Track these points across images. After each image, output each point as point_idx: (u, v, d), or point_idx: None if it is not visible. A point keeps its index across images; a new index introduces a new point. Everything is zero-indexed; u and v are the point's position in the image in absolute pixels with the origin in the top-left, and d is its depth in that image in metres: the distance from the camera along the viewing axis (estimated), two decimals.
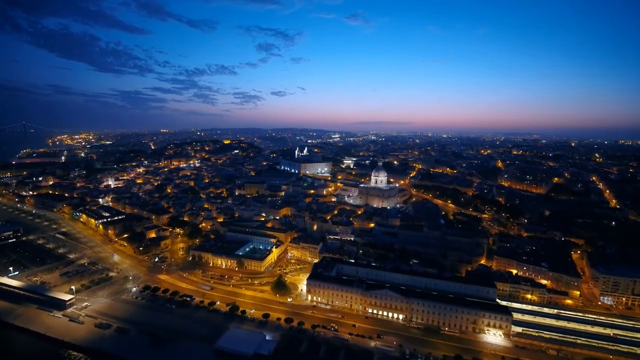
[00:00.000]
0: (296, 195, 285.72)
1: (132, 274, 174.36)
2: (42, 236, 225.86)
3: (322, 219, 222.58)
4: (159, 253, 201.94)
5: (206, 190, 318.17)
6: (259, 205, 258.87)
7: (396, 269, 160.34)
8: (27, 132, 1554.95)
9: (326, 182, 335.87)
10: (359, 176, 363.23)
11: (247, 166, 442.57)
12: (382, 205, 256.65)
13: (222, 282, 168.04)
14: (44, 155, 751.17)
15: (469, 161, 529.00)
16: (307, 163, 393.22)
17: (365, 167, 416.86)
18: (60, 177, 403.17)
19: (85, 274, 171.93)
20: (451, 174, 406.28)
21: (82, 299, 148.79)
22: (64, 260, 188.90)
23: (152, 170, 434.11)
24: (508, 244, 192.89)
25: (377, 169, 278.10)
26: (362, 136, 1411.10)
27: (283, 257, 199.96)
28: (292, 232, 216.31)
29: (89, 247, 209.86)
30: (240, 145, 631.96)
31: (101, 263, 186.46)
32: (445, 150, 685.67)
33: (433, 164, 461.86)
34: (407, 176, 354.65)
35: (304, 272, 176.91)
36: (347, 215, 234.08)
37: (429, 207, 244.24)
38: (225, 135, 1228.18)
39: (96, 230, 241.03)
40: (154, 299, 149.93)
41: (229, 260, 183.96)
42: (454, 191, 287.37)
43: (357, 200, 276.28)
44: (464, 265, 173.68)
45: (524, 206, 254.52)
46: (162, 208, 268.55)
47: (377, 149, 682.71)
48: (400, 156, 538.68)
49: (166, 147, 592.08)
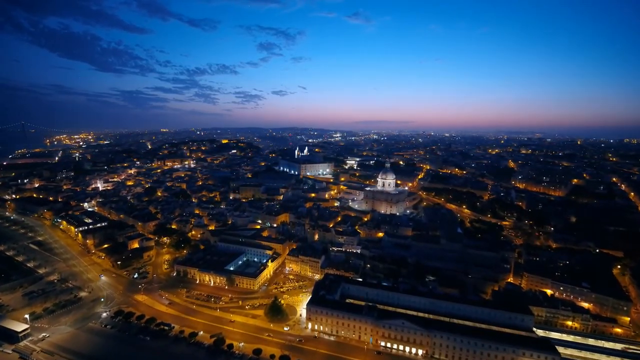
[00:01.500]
0: (296, 200, 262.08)
1: (106, 294, 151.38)
2: (13, 246, 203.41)
3: (324, 227, 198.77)
4: (140, 267, 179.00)
5: (198, 193, 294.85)
6: (254, 211, 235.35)
7: (412, 291, 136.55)
8: (26, 132, 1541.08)
9: (328, 185, 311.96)
10: (363, 178, 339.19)
11: (244, 167, 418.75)
12: (390, 211, 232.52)
13: (208, 304, 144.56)
14: (38, 155, 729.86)
15: (477, 161, 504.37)
16: (308, 164, 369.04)
17: (369, 167, 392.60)
18: (47, 179, 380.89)
19: (51, 294, 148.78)
20: (461, 175, 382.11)
21: (42, 327, 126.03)
22: (31, 277, 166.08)
23: (144, 172, 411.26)
24: (537, 258, 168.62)
25: (384, 170, 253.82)
26: (363, 135, 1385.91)
27: (280, 271, 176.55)
28: (290, 242, 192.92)
29: (62, 260, 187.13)
30: (238, 145, 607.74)
31: (73, 280, 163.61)
32: (451, 150, 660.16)
33: (441, 164, 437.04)
34: (415, 178, 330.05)
35: (304, 291, 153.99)
36: (352, 222, 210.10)
37: (443, 214, 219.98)
38: (225, 135, 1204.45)
39: (75, 240, 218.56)
40: (126, 327, 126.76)
41: (218, 277, 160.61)
42: (469, 195, 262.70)
43: (362, 205, 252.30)
44: (489, 284, 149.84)
45: (547, 212, 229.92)
46: (149, 214, 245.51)
47: (381, 148, 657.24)
48: (405, 156, 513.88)
49: (161, 147, 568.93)
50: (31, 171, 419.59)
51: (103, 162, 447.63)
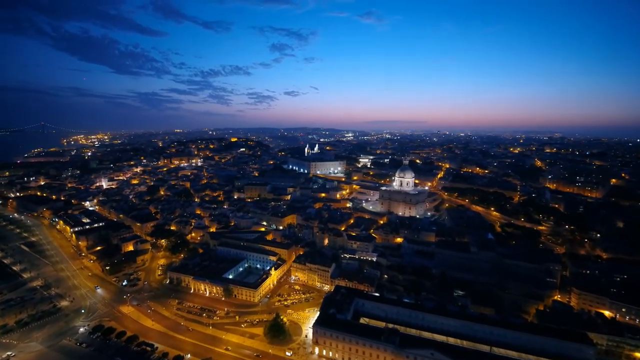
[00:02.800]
0: (304, 200, 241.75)
1: (89, 304, 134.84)
2: (2, 247, 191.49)
3: (335, 230, 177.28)
4: (131, 273, 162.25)
5: (201, 192, 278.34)
6: (259, 212, 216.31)
7: (440, 309, 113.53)
8: (44, 132, 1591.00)
9: (340, 184, 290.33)
10: (378, 177, 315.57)
11: (252, 166, 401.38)
12: (409, 213, 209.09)
13: (200, 319, 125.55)
14: (52, 154, 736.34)
15: (500, 160, 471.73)
16: (318, 162, 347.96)
17: (384, 166, 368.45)
18: (53, 178, 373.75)
19: (29, 303, 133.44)
20: (483, 174, 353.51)
21: (9, 344, 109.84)
22: (14, 282, 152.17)
23: (149, 170, 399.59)
24: (587, 270, 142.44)
25: (402, 168, 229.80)
26: (376, 135, 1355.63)
27: (285, 280, 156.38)
28: (297, 247, 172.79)
29: (51, 263, 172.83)
30: (247, 143, 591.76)
31: (56, 286, 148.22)
32: (470, 148, 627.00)
33: (460, 163, 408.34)
34: (435, 177, 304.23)
35: (311, 305, 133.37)
36: (366, 226, 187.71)
37: (469, 217, 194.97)
38: (236, 135, 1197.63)
39: (69, 241, 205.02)
40: (104, 346, 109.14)
41: (214, 286, 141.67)
42: (497, 195, 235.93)
43: (377, 207, 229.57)
44: (532, 303, 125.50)
45: (589, 215, 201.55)
46: (148, 214, 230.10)
47: (395, 146, 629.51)
48: (422, 154, 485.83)
49: (169, 146, 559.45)
50: (39, 169, 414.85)
51: (110, 161, 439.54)
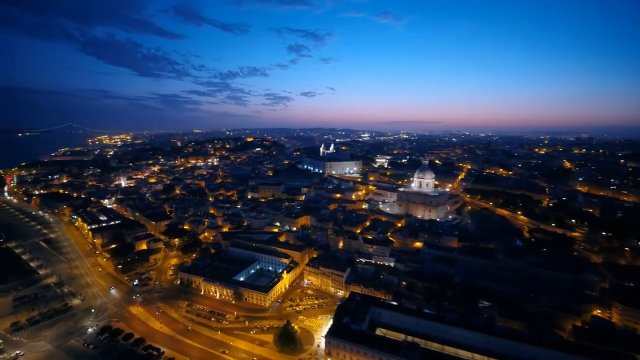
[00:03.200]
0: (318, 201, 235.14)
1: (99, 304, 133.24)
2: (22, 243, 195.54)
3: (350, 233, 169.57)
4: (143, 272, 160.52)
5: (216, 192, 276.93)
6: (272, 213, 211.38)
7: (463, 322, 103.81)
8: (72, 133, 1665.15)
9: (355, 185, 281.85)
10: (395, 177, 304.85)
11: (266, 165, 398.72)
12: (428, 216, 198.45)
13: (209, 322, 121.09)
14: (77, 153, 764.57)
15: (524, 161, 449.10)
16: (333, 162, 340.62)
17: (402, 166, 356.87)
18: (75, 176, 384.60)
19: (41, 301, 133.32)
20: (507, 176, 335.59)
21: (19, 342, 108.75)
22: (29, 278, 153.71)
23: (166, 169, 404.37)
24: (631, 283, 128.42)
25: (421, 168, 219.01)
26: (392, 135, 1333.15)
27: (297, 284, 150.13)
28: (310, 249, 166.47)
29: (67, 261, 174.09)
30: (262, 143, 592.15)
31: (69, 284, 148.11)
32: (492, 149, 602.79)
33: (482, 164, 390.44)
34: (456, 178, 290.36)
35: (324, 312, 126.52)
36: (383, 229, 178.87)
37: (494, 221, 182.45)
38: (253, 135, 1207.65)
39: (86, 238, 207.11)
40: (110, 348, 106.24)
41: (225, 288, 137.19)
42: (524, 198, 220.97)
43: (395, 209, 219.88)
44: (568, 318, 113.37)
45: (629, 221, 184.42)
46: (162, 213, 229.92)
47: (413, 146, 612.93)
48: (441, 154, 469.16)
49: (187, 145, 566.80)
50: (62, 168, 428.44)
51: (129, 160, 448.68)
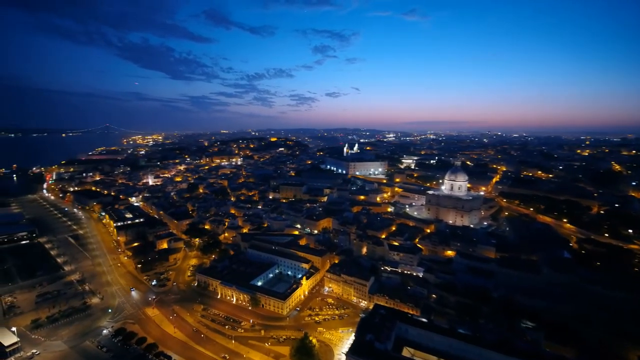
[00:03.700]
0: (341, 202, 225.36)
1: (117, 303, 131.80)
2: (52, 239, 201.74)
3: (375, 239, 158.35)
4: (162, 272, 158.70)
5: (238, 192, 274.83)
6: (292, 214, 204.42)
7: (503, 346, 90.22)
8: (109, 133, 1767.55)
9: (380, 187, 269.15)
10: (423, 179, 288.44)
11: (289, 165, 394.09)
12: (461, 222, 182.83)
13: (223, 329, 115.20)
14: (111, 152, 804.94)
15: (566, 162, 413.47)
16: (357, 162, 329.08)
17: (430, 167, 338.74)
18: (106, 174, 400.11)
19: (62, 298, 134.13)
20: (547, 179, 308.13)
21: (36, 340, 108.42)
22: (54, 274, 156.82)
23: (192, 168, 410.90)
24: None
25: (453, 170, 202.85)
26: (418, 135, 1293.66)
27: (317, 291, 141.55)
28: (332, 254, 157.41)
29: (91, 257, 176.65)
30: (286, 143, 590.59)
31: (90, 282, 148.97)
32: (528, 149, 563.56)
33: (518, 166, 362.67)
34: (490, 181, 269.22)
35: (345, 323, 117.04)
36: (411, 234, 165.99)
37: (536, 229, 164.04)
38: (277, 136, 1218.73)
39: (111, 235, 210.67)
40: (123, 352, 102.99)
41: (241, 293, 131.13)
42: (569, 204, 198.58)
43: (423, 213, 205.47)
44: (630, 347, 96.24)
45: None
46: (184, 212, 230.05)
47: (442, 147, 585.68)
48: (472, 155, 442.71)
49: (212, 145, 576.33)
50: (96, 166, 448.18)
51: (157, 159, 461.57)
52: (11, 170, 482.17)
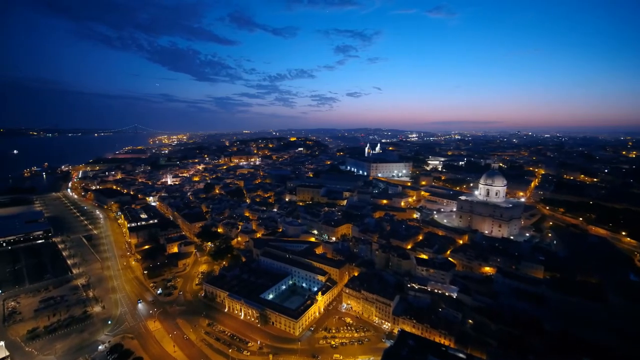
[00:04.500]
0: (362, 207, 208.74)
1: (118, 313, 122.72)
2: (67, 239, 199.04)
3: (400, 250, 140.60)
4: (169, 279, 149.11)
5: (253, 193, 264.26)
6: (309, 219, 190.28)
7: None
8: (137, 133, 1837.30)
9: (405, 190, 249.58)
10: (452, 182, 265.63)
11: (307, 165, 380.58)
12: (498, 233, 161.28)
13: (227, 350, 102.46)
14: (137, 152, 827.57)
15: (612, 165, 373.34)
16: (380, 163, 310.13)
17: (458, 170, 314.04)
18: (128, 173, 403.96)
19: (63, 305, 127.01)
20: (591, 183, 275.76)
21: (30, 353, 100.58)
22: (62, 277, 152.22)
23: (210, 168, 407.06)
24: None
25: (489, 174, 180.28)
26: (442, 136, 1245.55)
27: (334, 307, 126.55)
28: (351, 265, 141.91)
29: (101, 260, 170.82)
30: (305, 142, 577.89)
31: (95, 287, 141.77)
32: (565, 150, 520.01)
33: (558, 169, 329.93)
34: (529, 185, 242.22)
35: (365, 350, 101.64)
36: (441, 246, 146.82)
37: (591, 244, 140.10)
38: (297, 136, 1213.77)
39: (124, 236, 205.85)
40: None
41: (250, 308, 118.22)
42: (628, 214, 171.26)
43: (454, 221, 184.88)
44: None
45: None
46: (198, 213, 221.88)
47: (470, 147, 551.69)
48: (505, 157, 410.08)
49: (232, 144, 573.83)
50: (119, 165, 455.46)
51: (177, 158, 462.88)
52: (42, 169, 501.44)
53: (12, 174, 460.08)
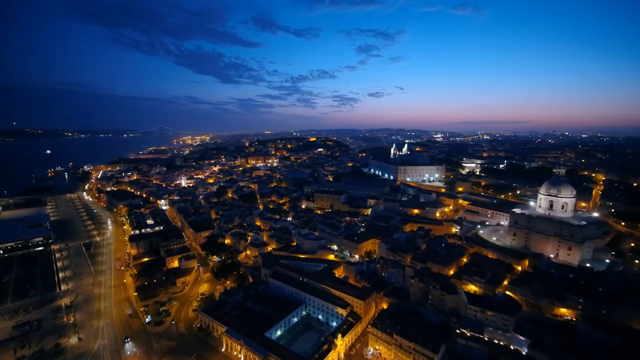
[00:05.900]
0: (389, 217, 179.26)
1: (96, 348, 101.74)
2: (66, 247, 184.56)
3: (442, 280, 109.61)
4: (163, 302, 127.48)
5: (267, 198, 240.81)
6: (328, 231, 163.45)
7: None
8: (163, 133, 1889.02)
9: (439, 198, 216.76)
10: (496, 189, 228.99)
11: (327, 167, 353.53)
12: (570, 258, 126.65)
13: None
14: (159, 152, 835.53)
15: None
16: (408, 166, 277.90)
17: (501, 174, 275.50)
18: (143, 174, 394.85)
19: (37, 334, 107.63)
20: None
21: None
22: (48, 295, 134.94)
23: (226, 169, 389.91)
24: None
25: (553, 181, 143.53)
26: (469, 136, 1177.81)
27: (358, 352, 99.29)
28: (379, 294, 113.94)
29: (94, 274, 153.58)
30: (325, 143, 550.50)
31: (79, 310, 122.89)
32: (618, 152, 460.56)
33: (620, 173, 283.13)
34: (590, 194, 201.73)
35: None
36: (494, 274, 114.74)
37: None
38: (318, 136, 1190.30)
39: (126, 244, 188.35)
40: None
41: (250, 352, 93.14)
42: None
43: (506, 238, 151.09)
44: None
45: None
46: (206, 221, 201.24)
47: (508, 148, 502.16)
48: (550, 159, 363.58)
49: (250, 145, 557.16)
50: (138, 165, 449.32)
51: (193, 159, 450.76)
52: (66, 169, 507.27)
53: (37, 174, 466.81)
